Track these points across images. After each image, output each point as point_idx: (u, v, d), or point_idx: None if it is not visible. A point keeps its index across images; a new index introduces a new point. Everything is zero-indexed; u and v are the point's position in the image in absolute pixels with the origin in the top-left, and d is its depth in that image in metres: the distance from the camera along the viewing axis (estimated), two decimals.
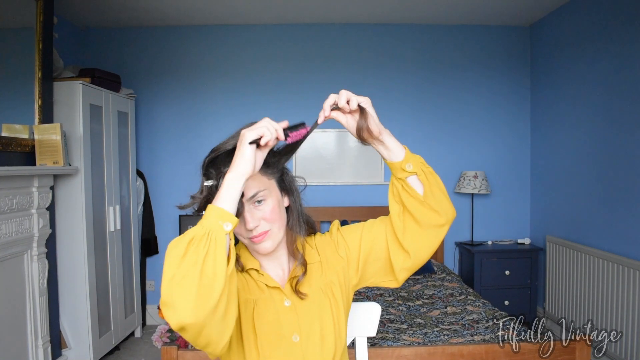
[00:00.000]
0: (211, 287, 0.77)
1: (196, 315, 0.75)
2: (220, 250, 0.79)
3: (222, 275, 0.78)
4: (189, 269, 0.76)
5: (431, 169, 1.01)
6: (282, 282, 1.06)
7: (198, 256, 0.77)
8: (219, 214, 0.81)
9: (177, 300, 0.75)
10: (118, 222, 3.24)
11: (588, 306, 3.05)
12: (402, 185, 1.00)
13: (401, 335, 2.23)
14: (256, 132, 0.85)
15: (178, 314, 0.75)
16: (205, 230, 0.79)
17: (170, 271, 0.77)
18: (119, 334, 3.24)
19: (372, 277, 1.09)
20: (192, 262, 0.77)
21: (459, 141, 3.95)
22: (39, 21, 2.62)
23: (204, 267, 0.77)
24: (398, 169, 0.99)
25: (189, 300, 0.75)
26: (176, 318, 0.75)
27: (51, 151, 2.59)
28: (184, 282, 0.76)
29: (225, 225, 0.81)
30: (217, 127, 3.86)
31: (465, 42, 3.93)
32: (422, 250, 1.01)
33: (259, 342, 0.98)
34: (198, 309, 0.75)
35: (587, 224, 3.17)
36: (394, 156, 0.99)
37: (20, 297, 2.45)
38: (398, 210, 1.02)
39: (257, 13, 3.64)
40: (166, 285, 0.77)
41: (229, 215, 0.82)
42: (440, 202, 1.00)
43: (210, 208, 0.82)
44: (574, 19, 3.30)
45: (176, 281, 0.76)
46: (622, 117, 2.82)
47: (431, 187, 0.99)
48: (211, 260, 0.77)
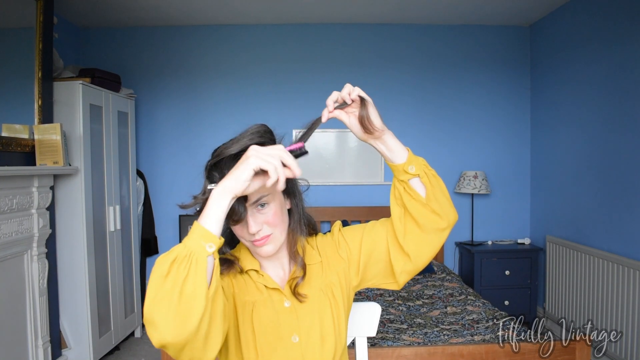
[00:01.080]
0: (190, 308, 0.76)
1: (177, 335, 0.75)
2: (200, 272, 0.77)
3: (202, 297, 0.77)
4: (169, 289, 0.76)
5: (434, 172, 1.00)
6: (282, 283, 1.06)
7: (178, 277, 0.76)
8: (203, 234, 0.79)
9: (157, 319, 0.75)
10: (118, 222, 3.24)
11: (588, 306, 3.05)
12: (404, 188, 0.99)
13: (401, 335, 2.23)
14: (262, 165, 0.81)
15: (159, 332, 0.75)
16: (188, 250, 0.78)
17: (153, 290, 0.77)
18: (119, 334, 3.24)
19: (373, 279, 1.09)
20: (172, 283, 0.76)
21: (459, 141, 3.95)
22: (39, 21, 2.62)
23: (184, 288, 0.76)
24: (400, 171, 0.98)
25: (168, 320, 0.75)
26: (157, 336, 0.75)
27: (51, 151, 2.59)
28: (164, 302, 0.75)
29: (208, 247, 0.79)
30: (217, 127, 3.86)
31: (465, 42, 3.93)
32: (423, 254, 1.01)
33: (257, 343, 0.98)
34: (178, 329, 0.75)
35: (587, 224, 3.17)
36: (396, 158, 0.99)
37: (20, 297, 2.44)
38: (399, 213, 1.01)
39: (257, 13, 3.64)
40: (148, 304, 0.77)
41: (212, 236, 0.80)
42: (443, 206, 0.99)
43: (195, 226, 0.81)
44: (574, 19, 3.30)
45: (157, 301, 0.76)
46: (622, 117, 2.82)
47: (434, 190, 0.98)
48: (191, 282, 0.77)
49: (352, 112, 0.97)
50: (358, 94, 0.93)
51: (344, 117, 0.97)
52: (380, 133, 0.96)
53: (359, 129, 0.97)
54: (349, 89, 0.93)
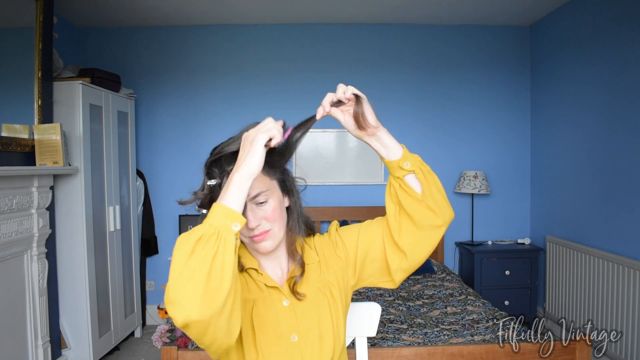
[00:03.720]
0: (219, 286, 0.76)
1: (202, 313, 0.75)
2: (229, 250, 0.78)
3: (230, 275, 0.77)
4: (196, 267, 0.76)
5: (429, 168, 1.00)
6: (280, 282, 1.06)
7: (207, 255, 0.76)
8: (227, 213, 0.80)
9: (183, 297, 0.75)
10: (118, 222, 3.24)
11: (588, 306, 3.05)
12: (399, 185, 0.99)
13: (401, 336, 2.23)
14: (268, 135, 0.85)
15: (184, 311, 0.75)
16: (215, 229, 0.79)
17: (178, 269, 0.77)
18: (119, 334, 3.24)
19: (370, 278, 1.09)
20: (200, 261, 0.76)
21: (459, 141, 3.95)
22: (38, 21, 2.62)
23: (213, 266, 0.76)
24: (396, 167, 0.99)
25: (195, 298, 0.75)
26: (182, 315, 0.75)
27: (51, 151, 2.59)
28: (192, 281, 0.75)
29: (234, 226, 0.80)
30: (217, 127, 3.86)
31: (465, 42, 3.93)
32: (419, 252, 1.01)
33: (257, 340, 0.98)
34: (205, 308, 0.75)
35: (587, 224, 3.17)
36: (391, 154, 0.99)
37: (20, 297, 2.44)
38: (394, 211, 1.01)
39: (257, 13, 3.64)
40: (173, 282, 0.76)
41: (238, 215, 0.81)
42: (438, 202, 0.99)
43: (218, 207, 0.81)
44: (575, 19, 3.30)
45: (183, 279, 0.76)
46: (622, 117, 2.82)
47: (429, 186, 0.99)
48: (220, 259, 0.77)
49: (346, 110, 0.97)
50: (352, 91, 0.94)
51: (338, 115, 0.97)
52: (375, 130, 0.97)
53: (353, 126, 0.98)
54: (343, 88, 0.94)
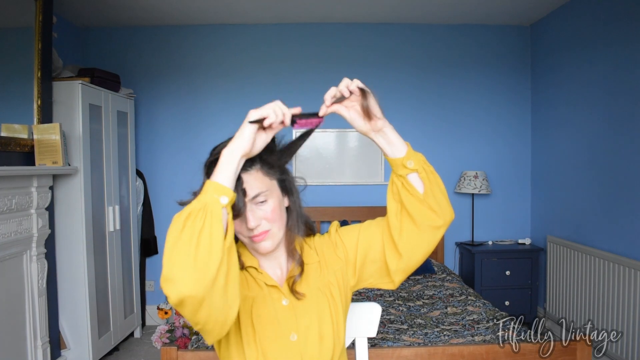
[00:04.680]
0: (208, 259, 0.78)
1: (195, 287, 0.77)
2: (215, 222, 0.80)
3: (218, 248, 0.79)
4: (186, 242, 0.78)
5: (432, 168, 1.00)
6: (280, 282, 1.06)
7: (194, 229, 0.79)
8: (215, 187, 0.83)
9: (175, 273, 0.77)
10: (117, 222, 3.23)
11: (588, 306, 3.05)
12: (402, 183, 0.99)
13: (401, 336, 2.23)
14: (260, 113, 0.87)
15: (177, 287, 0.77)
16: (202, 204, 0.81)
17: (170, 246, 0.80)
18: (119, 335, 3.23)
19: (370, 279, 1.09)
20: (188, 236, 0.79)
21: (459, 141, 3.95)
22: (38, 21, 2.62)
23: (200, 239, 0.78)
24: (399, 165, 0.98)
25: (187, 272, 0.77)
26: (175, 291, 0.77)
27: (50, 151, 2.59)
28: (182, 256, 0.78)
29: (222, 199, 0.82)
30: (216, 127, 3.86)
31: (465, 42, 3.92)
32: (417, 252, 1.00)
33: (257, 337, 0.98)
34: (196, 282, 0.77)
35: (587, 224, 3.17)
36: (396, 151, 0.98)
37: (19, 298, 2.44)
38: (396, 209, 1.01)
39: (257, 13, 3.63)
40: (166, 261, 0.79)
41: (225, 189, 0.83)
42: (440, 203, 0.99)
43: (208, 183, 0.84)
44: (575, 19, 3.30)
45: (175, 255, 0.78)
46: (623, 117, 2.82)
47: (432, 186, 0.98)
48: (207, 232, 0.79)
49: (351, 106, 0.96)
50: (357, 85, 0.93)
51: (343, 111, 0.96)
52: (382, 124, 0.96)
53: (359, 121, 0.97)
54: (347, 82, 0.93)
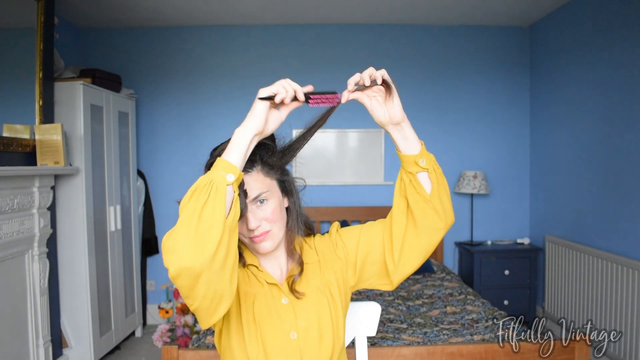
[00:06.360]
0: (209, 233, 0.79)
1: (193, 259, 0.78)
2: (219, 198, 0.81)
3: (219, 223, 0.80)
4: (189, 214, 0.80)
5: (441, 170, 1.01)
6: (280, 281, 1.07)
7: (198, 203, 0.80)
8: (224, 165, 0.84)
9: (176, 244, 0.79)
10: (119, 222, 3.24)
11: (588, 306, 3.06)
12: (410, 180, 0.99)
13: (401, 335, 2.24)
14: (270, 89, 0.87)
15: (177, 257, 0.79)
16: (208, 179, 0.82)
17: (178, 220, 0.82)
18: (120, 334, 3.24)
19: (369, 280, 1.10)
20: (192, 209, 0.80)
21: (458, 141, 3.95)
22: (40, 22, 2.63)
23: (202, 213, 0.79)
24: (411, 162, 0.98)
25: (187, 244, 0.78)
26: (175, 261, 0.79)
27: (52, 151, 2.60)
28: (184, 228, 0.79)
29: (228, 176, 0.83)
30: (217, 128, 3.87)
31: (464, 43, 3.93)
32: (416, 254, 1.01)
33: (259, 334, 0.99)
34: (196, 254, 0.78)
35: (586, 223, 3.18)
36: (409, 148, 0.99)
37: (21, 297, 2.45)
38: (404, 207, 1.01)
39: (258, 13, 3.64)
40: (170, 232, 0.81)
41: (233, 167, 0.84)
42: (444, 205, 1.00)
43: (218, 161, 0.85)
44: (574, 20, 3.31)
45: (178, 227, 0.80)
46: (621, 118, 2.83)
47: (439, 188, 0.99)
48: (210, 207, 0.80)
49: (373, 95, 0.96)
50: (383, 76, 0.92)
51: (365, 99, 0.96)
52: (401, 118, 0.96)
53: (379, 112, 0.96)
54: (371, 71, 0.92)
